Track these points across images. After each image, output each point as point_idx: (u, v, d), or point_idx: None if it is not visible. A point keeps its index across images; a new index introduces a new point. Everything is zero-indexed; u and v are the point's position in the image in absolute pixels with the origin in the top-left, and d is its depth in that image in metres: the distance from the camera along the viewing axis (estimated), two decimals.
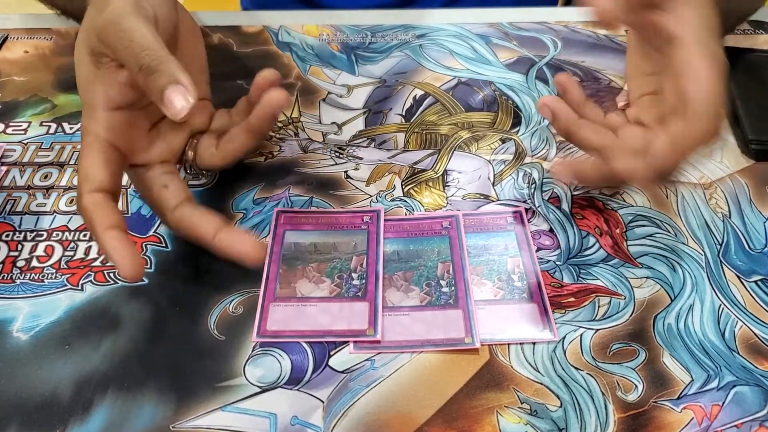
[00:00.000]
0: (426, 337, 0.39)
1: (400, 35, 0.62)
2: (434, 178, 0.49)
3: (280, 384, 0.37)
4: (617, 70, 0.58)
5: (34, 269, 0.42)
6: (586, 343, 0.39)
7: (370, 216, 0.45)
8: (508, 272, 0.42)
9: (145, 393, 0.37)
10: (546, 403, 0.37)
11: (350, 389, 0.37)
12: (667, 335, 0.40)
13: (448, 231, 0.44)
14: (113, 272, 0.42)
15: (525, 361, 0.38)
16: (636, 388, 0.37)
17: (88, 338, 0.39)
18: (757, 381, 0.38)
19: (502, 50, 0.60)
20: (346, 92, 0.56)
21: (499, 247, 0.44)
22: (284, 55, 0.59)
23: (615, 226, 0.45)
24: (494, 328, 0.39)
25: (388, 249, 0.43)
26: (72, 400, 0.36)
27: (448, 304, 0.40)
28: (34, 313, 0.40)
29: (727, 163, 0.50)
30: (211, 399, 0.37)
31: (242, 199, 0.47)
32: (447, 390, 0.37)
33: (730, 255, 0.44)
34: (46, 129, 0.52)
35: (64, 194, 0.47)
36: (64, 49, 0.59)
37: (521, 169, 0.49)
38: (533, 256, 0.43)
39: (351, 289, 0.41)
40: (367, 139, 0.52)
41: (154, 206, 0.42)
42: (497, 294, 0.41)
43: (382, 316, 0.40)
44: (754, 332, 0.40)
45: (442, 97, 0.56)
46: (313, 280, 0.41)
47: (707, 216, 0.46)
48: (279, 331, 0.39)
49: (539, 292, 0.41)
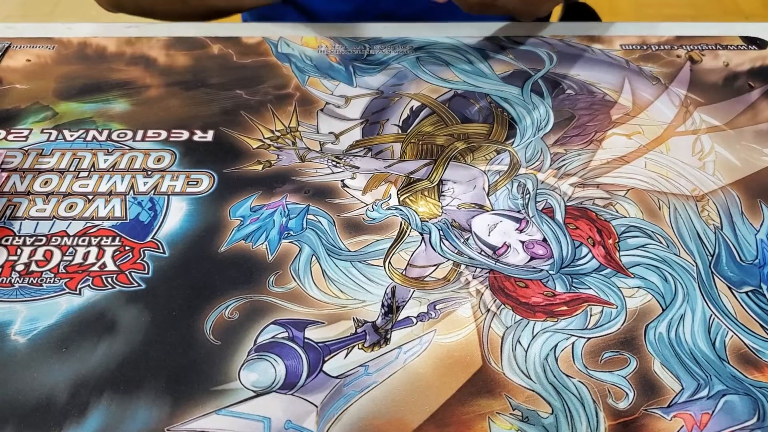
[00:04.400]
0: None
1: (398, 48, 0.62)
2: (429, 188, 0.49)
3: (274, 389, 0.38)
4: (612, 83, 0.59)
5: (32, 273, 0.43)
6: (578, 351, 0.40)
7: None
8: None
9: (140, 396, 0.37)
10: (537, 410, 0.37)
11: (344, 394, 0.37)
12: (658, 344, 0.40)
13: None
14: (111, 277, 0.43)
15: (517, 368, 0.39)
16: (627, 396, 0.38)
17: (85, 342, 0.39)
18: (746, 390, 0.38)
19: (498, 63, 0.61)
20: (344, 103, 0.57)
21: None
22: (283, 65, 0.60)
23: (608, 237, 0.46)
24: None
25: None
26: (68, 402, 0.37)
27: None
28: (32, 317, 0.41)
29: (719, 176, 0.50)
30: (206, 402, 0.37)
31: (239, 207, 0.47)
32: (440, 396, 0.38)
33: (721, 266, 0.44)
34: (47, 136, 0.52)
35: (64, 200, 0.47)
36: (66, 58, 0.60)
37: (515, 180, 0.50)
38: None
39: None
40: (363, 148, 0.52)
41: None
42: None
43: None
44: (744, 342, 0.40)
45: (439, 108, 0.56)
46: None
47: (699, 228, 0.47)
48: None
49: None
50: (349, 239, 0.46)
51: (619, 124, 0.55)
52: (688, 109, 0.56)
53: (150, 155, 0.51)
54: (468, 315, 0.41)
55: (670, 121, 0.55)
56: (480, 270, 0.44)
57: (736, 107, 0.57)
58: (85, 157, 0.51)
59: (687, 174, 0.51)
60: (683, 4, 2.06)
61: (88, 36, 0.63)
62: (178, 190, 0.48)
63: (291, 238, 0.45)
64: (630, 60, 0.61)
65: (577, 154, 0.52)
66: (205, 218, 0.46)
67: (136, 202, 0.47)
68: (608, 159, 0.52)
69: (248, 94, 0.57)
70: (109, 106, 0.55)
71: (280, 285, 0.43)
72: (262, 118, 0.55)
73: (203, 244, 0.45)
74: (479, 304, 0.42)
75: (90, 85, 0.57)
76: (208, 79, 0.58)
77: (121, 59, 0.61)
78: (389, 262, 0.44)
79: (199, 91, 0.57)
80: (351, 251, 0.45)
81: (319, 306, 0.42)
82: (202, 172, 0.50)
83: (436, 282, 0.43)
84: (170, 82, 0.58)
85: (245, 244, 0.45)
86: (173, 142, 0.52)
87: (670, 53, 0.62)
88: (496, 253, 0.45)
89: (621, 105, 0.57)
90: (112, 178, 0.49)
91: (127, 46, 0.62)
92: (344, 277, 0.43)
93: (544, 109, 0.56)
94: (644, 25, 0.66)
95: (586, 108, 0.56)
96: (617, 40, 0.64)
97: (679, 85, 0.59)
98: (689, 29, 0.66)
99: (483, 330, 0.41)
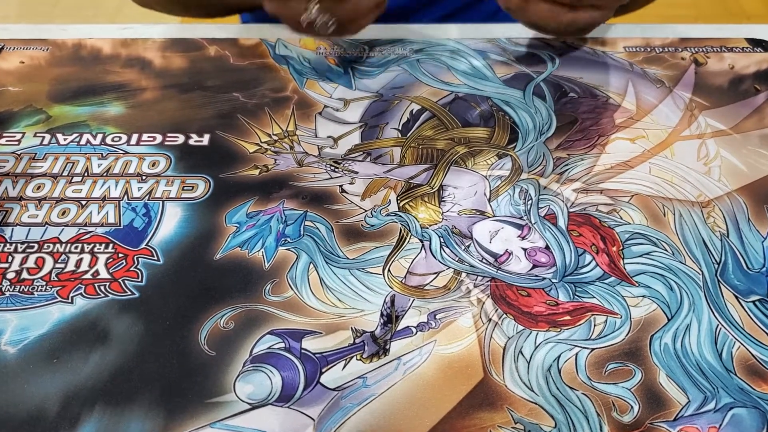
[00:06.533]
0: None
1: (398, 50, 0.62)
2: (430, 193, 0.48)
3: (270, 401, 0.37)
4: (615, 86, 0.58)
5: (24, 281, 0.42)
6: (581, 362, 0.39)
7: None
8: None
9: (133, 408, 0.36)
10: (540, 423, 0.36)
11: (342, 407, 0.37)
12: (664, 355, 0.39)
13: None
14: (104, 285, 0.42)
15: (519, 379, 0.38)
16: (632, 409, 0.37)
17: (76, 352, 0.39)
18: (754, 403, 0.37)
19: (499, 66, 0.60)
20: (343, 106, 0.56)
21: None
22: (281, 68, 0.59)
23: (612, 244, 0.45)
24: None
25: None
26: (59, 414, 0.36)
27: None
28: (23, 326, 0.40)
29: (725, 182, 0.50)
30: (201, 415, 0.36)
31: (235, 213, 0.46)
32: (440, 409, 0.37)
33: (727, 274, 0.44)
34: (40, 140, 0.51)
35: (57, 206, 0.46)
36: (60, 60, 0.59)
37: (518, 185, 0.49)
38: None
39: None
40: (363, 153, 0.52)
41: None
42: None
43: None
44: (752, 353, 0.39)
45: (439, 112, 0.55)
46: None
47: (705, 235, 0.46)
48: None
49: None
50: (348, 246, 0.45)
51: (623, 128, 0.54)
52: (693, 113, 0.55)
53: (144, 159, 0.50)
54: (469, 325, 0.40)
55: (675, 125, 0.54)
56: (481, 278, 0.43)
57: (741, 111, 0.56)
58: (78, 161, 0.50)
59: (692, 179, 0.50)
60: (685, 4, 2.05)
61: (83, 38, 0.62)
62: (173, 195, 0.47)
63: (288, 246, 0.44)
64: (634, 62, 0.60)
65: (580, 159, 0.51)
66: (200, 225, 0.45)
67: (130, 207, 0.46)
68: (612, 164, 0.51)
69: (245, 97, 0.56)
70: (104, 109, 0.54)
71: (277, 294, 0.42)
72: (259, 121, 0.54)
73: (198, 251, 0.44)
74: (480, 314, 0.41)
75: (84, 87, 0.57)
76: (204, 82, 0.57)
77: (117, 61, 0.60)
78: (388, 270, 0.43)
79: (195, 94, 0.56)
80: (349, 259, 0.44)
81: (316, 315, 0.41)
82: (197, 177, 0.49)
83: (436, 290, 0.42)
84: (166, 84, 0.57)
85: (241, 251, 0.44)
86: (168, 146, 0.51)
87: (675, 56, 0.61)
88: (497, 260, 0.44)
89: (625, 108, 0.56)
90: (106, 183, 0.48)
91: (123, 47, 0.61)
92: (342, 285, 0.42)
93: (547, 112, 0.55)
94: (647, 27, 0.65)
95: (589, 111, 0.55)
96: (620, 42, 0.63)
97: (684, 88, 0.58)
98: (693, 31, 0.65)
99: (484, 340, 0.40)
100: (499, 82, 0.58)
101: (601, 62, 0.60)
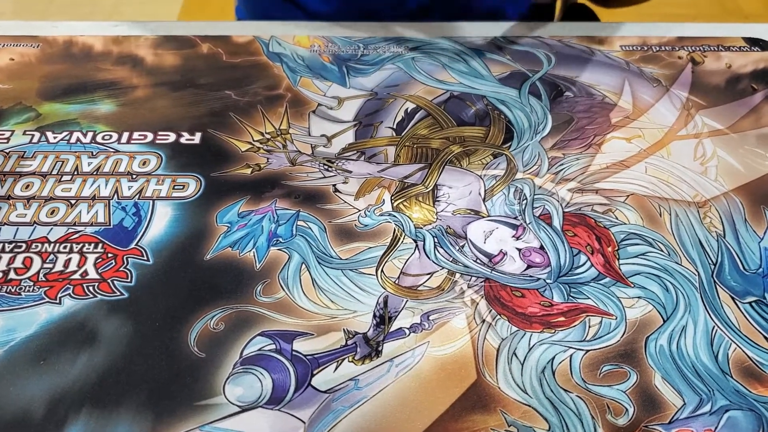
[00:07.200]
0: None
1: (393, 48, 0.61)
2: (424, 193, 0.48)
3: (260, 404, 0.36)
4: (611, 85, 0.57)
5: (11, 281, 0.41)
6: (575, 364, 0.38)
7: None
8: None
9: (121, 411, 0.36)
10: (534, 426, 0.36)
11: (333, 410, 0.36)
12: (659, 357, 0.39)
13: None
14: (92, 285, 0.41)
15: (513, 381, 0.37)
16: (626, 412, 0.36)
17: (64, 353, 0.38)
18: (750, 405, 0.37)
19: (495, 64, 0.59)
20: (337, 104, 0.55)
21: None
22: (274, 65, 0.59)
23: (607, 244, 0.45)
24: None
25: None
26: (45, 417, 0.35)
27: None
28: (9, 327, 0.39)
29: (722, 182, 0.49)
30: (190, 418, 0.36)
31: (226, 212, 0.46)
32: (432, 411, 0.36)
33: (724, 275, 0.43)
34: (29, 138, 0.51)
35: (45, 205, 0.46)
36: (51, 57, 0.59)
37: (512, 185, 0.48)
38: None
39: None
40: (356, 152, 0.51)
41: None
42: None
43: None
44: (748, 355, 0.39)
45: (434, 110, 0.55)
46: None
47: (701, 235, 0.45)
48: None
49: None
50: (341, 246, 0.44)
51: (619, 128, 0.53)
52: (690, 112, 0.55)
53: (135, 158, 0.49)
54: (462, 326, 0.40)
55: (672, 124, 0.54)
56: (475, 279, 0.42)
57: (738, 110, 0.55)
58: (68, 160, 0.49)
59: (688, 179, 0.49)
60: (683, 3, 2.05)
61: (74, 34, 0.61)
62: (163, 194, 0.47)
63: (280, 246, 0.44)
64: (630, 61, 0.60)
65: (575, 159, 0.51)
66: (191, 224, 0.45)
67: (120, 207, 0.46)
68: (608, 163, 0.50)
69: (238, 95, 0.55)
70: (95, 107, 0.54)
71: (268, 294, 0.41)
72: (252, 119, 0.53)
73: (188, 251, 0.43)
74: (474, 315, 0.40)
75: (75, 85, 0.56)
76: (196, 80, 0.57)
77: (108, 58, 0.59)
78: (382, 271, 0.43)
79: (187, 92, 0.55)
80: (342, 259, 0.43)
81: (308, 316, 0.40)
82: (188, 176, 0.48)
83: (429, 291, 0.42)
84: (157, 82, 0.56)
85: (232, 251, 0.43)
86: (159, 145, 0.50)
87: (672, 54, 0.61)
88: (492, 260, 0.43)
89: (621, 108, 0.55)
90: (96, 182, 0.48)
91: (114, 45, 0.60)
92: (335, 286, 0.42)
93: (542, 111, 0.55)
94: (645, 26, 0.65)
95: (585, 111, 0.55)
96: (617, 41, 0.62)
97: (681, 88, 0.57)
98: (691, 30, 0.64)
99: (478, 342, 0.39)
100: (495, 80, 0.58)
101: (598, 61, 0.60)
